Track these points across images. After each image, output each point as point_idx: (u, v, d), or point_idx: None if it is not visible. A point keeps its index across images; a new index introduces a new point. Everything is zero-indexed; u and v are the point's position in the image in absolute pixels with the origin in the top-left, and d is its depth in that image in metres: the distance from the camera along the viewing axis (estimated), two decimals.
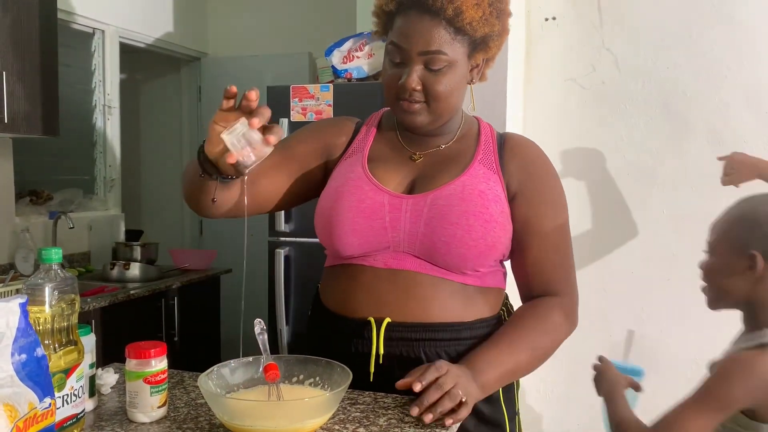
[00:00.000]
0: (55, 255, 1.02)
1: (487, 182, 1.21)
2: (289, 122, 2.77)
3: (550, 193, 1.26)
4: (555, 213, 1.25)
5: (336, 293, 1.28)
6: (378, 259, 1.21)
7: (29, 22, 2.72)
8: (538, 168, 1.26)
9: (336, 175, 1.29)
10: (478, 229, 1.16)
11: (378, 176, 1.25)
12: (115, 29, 3.79)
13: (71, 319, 1.04)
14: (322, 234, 1.26)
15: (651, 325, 2.51)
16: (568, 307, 1.25)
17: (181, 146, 4.70)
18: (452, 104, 1.22)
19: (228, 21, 4.54)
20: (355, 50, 2.69)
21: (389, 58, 1.22)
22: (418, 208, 1.20)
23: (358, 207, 1.21)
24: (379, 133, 1.33)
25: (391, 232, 1.20)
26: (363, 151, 1.30)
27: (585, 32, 2.52)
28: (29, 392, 0.81)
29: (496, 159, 1.25)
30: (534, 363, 1.21)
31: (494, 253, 1.20)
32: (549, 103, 2.52)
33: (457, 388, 1.05)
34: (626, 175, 2.51)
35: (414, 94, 1.18)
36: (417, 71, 1.17)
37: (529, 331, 1.20)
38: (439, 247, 1.17)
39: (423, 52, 1.16)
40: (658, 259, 2.49)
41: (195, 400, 1.19)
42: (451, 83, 1.18)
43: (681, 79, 2.43)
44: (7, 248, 3.08)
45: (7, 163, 3.10)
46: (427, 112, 1.20)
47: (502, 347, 1.17)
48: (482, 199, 1.18)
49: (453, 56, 1.17)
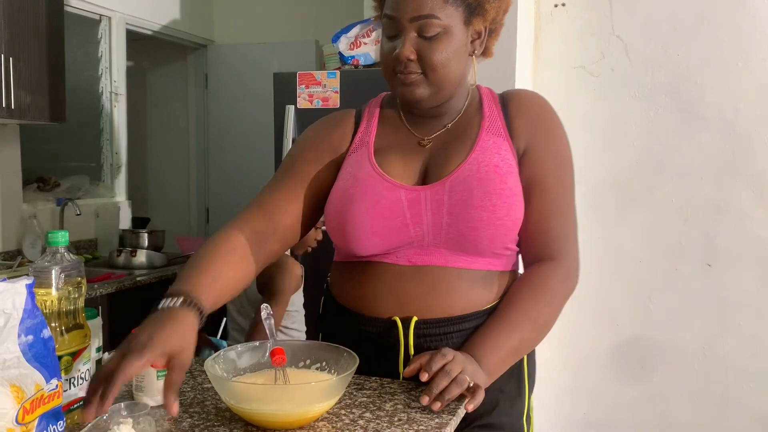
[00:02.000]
0: (61, 238, 1.02)
1: (499, 152, 1.17)
2: (295, 109, 2.76)
3: (555, 147, 1.21)
4: (560, 170, 1.20)
5: (354, 291, 1.22)
6: (401, 256, 1.17)
7: (36, 9, 2.71)
8: (543, 121, 1.21)
9: (344, 174, 1.21)
10: (501, 207, 1.13)
11: (388, 170, 1.18)
12: (122, 16, 3.78)
13: (78, 302, 1.04)
14: (336, 236, 1.20)
15: (658, 316, 2.49)
16: (564, 268, 1.20)
17: (187, 134, 4.69)
18: (451, 75, 1.15)
19: (234, 8, 4.53)
20: (362, 36, 2.68)
21: (384, 34, 1.17)
22: (438, 198, 1.14)
23: (374, 209, 1.15)
24: (381, 119, 1.26)
25: (414, 228, 1.15)
26: (368, 144, 1.23)
27: (595, 19, 2.50)
28: (36, 373, 0.81)
29: (502, 122, 1.20)
30: (539, 334, 1.18)
31: (518, 227, 1.17)
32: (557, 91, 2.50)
33: (464, 373, 1.03)
34: (635, 164, 2.49)
35: (409, 64, 1.12)
36: (410, 40, 1.12)
37: (527, 305, 1.16)
38: (466, 234, 1.13)
39: (414, 17, 1.11)
40: (665, 248, 2.47)
41: (201, 384, 1.19)
42: (448, 51, 1.12)
43: (692, 67, 2.41)
44: (14, 234, 3.09)
45: (15, 149, 3.11)
46: (426, 84, 1.14)
47: (501, 328, 1.14)
48: (498, 175, 1.14)
49: (447, 21, 1.11)
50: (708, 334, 2.44)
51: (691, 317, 2.45)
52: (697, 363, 2.46)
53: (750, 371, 2.40)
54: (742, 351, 2.40)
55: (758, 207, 2.37)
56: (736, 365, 2.41)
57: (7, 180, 3.07)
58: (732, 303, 2.41)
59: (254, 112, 4.23)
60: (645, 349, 2.51)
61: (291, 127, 2.77)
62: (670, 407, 2.49)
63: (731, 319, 2.42)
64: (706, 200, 2.42)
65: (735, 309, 2.41)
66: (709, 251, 2.42)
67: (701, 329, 2.45)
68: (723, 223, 2.40)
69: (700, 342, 2.45)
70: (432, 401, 1.01)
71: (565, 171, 1.21)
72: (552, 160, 1.19)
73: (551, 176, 1.19)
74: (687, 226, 2.44)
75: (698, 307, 2.44)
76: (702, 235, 2.43)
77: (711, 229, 2.42)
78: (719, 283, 2.42)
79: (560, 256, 1.19)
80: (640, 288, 2.50)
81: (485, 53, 1.24)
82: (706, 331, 2.44)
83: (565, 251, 1.20)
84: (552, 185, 1.18)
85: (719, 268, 2.41)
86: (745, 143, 2.37)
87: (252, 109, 4.29)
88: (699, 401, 2.45)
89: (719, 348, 2.43)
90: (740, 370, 2.41)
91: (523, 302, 1.16)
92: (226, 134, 4.52)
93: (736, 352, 2.41)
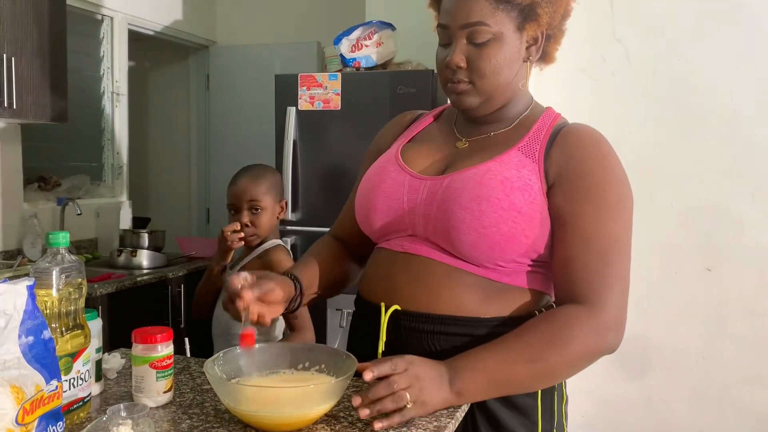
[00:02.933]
0: (62, 239, 1.03)
1: (519, 170, 1.11)
2: (296, 111, 2.76)
3: (595, 188, 1.09)
4: (598, 212, 1.09)
5: (364, 276, 1.28)
6: (396, 243, 1.19)
7: (38, 8, 2.72)
8: (585, 158, 1.11)
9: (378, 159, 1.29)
10: (490, 215, 1.07)
11: (408, 158, 1.22)
12: (124, 16, 3.78)
13: (78, 303, 1.04)
14: (357, 216, 1.26)
15: (657, 318, 2.50)
16: (598, 319, 1.06)
17: (189, 134, 4.70)
18: (501, 83, 1.14)
19: (236, 9, 4.53)
20: (363, 39, 2.68)
21: (439, 43, 1.19)
22: (434, 191, 1.14)
23: (380, 187, 1.20)
24: (436, 121, 1.31)
25: (408, 215, 1.17)
26: (408, 135, 1.29)
27: (596, 23, 2.50)
28: (36, 374, 0.81)
29: (541, 148, 1.13)
30: (537, 379, 1.08)
31: (515, 245, 1.09)
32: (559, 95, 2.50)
33: (408, 391, 0.97)
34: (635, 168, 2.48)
35: (459, 72, 1.13)
36: (461, 47, 1.13)
37: (534, 341, 1.05)
38: (449, 232, 1.10)
39: (464, 25, 1.12)
40: (665, 252, 2.48)
41: (201, 385, 1.19)
42: (498, 58, 1.12)
43: (692, 72, 2.41)
44: (15, 234, 3.10)
45: (16, 149, 3.11)
46: (475, 93, 1.14)
47: (496, 354, 1.05)
48: (504, 186, 1.09)
49: (497, 28, 1.11)
50: (707, 337, 2.45)
51: (691, 320, 2.46)
52: (696, 366, 2.46)
53: (749, 375, 2.41)
54: (742, 355, 2.41)
55: (758, 211, 2.37)
56: (735, 369, 2.42)
57: (9, 179, 3.07)
58: (731, 307, 2.42)
59: (255, 113, 4.23)
60: (644, 351, 2.51)
61: (292, 129, 2.77)
62: (669, 410, 2.49)
63: (731, 322, 2.42)
64: (706, 204, 2.43)
65: (734, 313, 2.42)
66: (709, 255, 2.43)
67: (700, 332, 2.45)
68: (722, 227, 2.41)
69: (699, 345, 2.45)
70: (362, 406, 0.97)
71: (606, 215, 1.09)
72: (586, 199, 1.09)
73: (586, 216, 1.09)
74: (686, 230, 2.45)
75: (697, 310, 2.45)
76: (701, 238, 2.44)
77: (711, 233, 2.43)
78: (719, 286, 2.42)
79: (595, 304, 1.07)
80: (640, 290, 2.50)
81: (546, 59, 1.23)
82: (705, 334, 2.45)
83: (602, 300, 1.07)
84: (585, 226, 1.08)
85: (719, 272, 2.42)
86: (745, 147, 2.38)
87: (253, 110, 4.30)
88: (698, 404, 2.46)
89: (718, 351, 2.43)
90: (739, 373, 2.42)
91: (531, 338, 1.06)
92: (227, 135, 4.52)
93: (735, 355, 2.41)
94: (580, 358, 1.07)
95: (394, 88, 2.59)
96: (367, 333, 1.21)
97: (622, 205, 1.13)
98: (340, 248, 1.36)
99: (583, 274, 1.08)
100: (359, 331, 1.27)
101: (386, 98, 2.59)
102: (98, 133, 3.79)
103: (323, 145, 2.78)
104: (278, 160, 2.84)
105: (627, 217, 1.13)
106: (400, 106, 2.53)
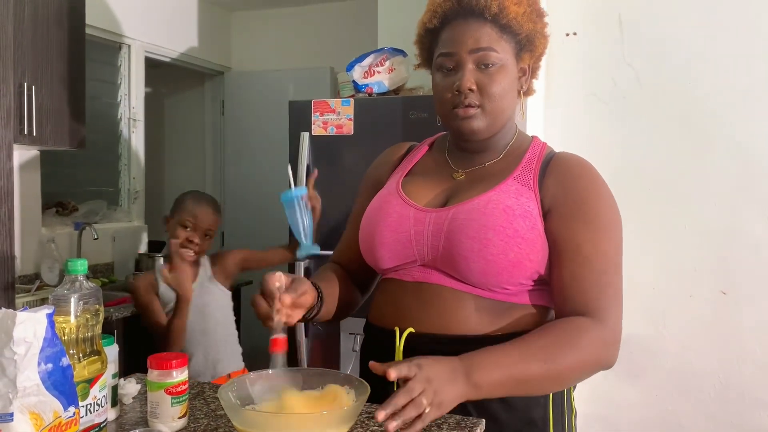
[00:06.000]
0: (80, 267, 1.04)
1: (518, 198, 1.16)
2: (310, 136, 2.79)
3: (588, 212, 1.15)
4: (593, 234, 1.14)
5: (373, 305, 1.32)
6: (407, 273, 1.22)
7: (58, 36, 2.77)
8: (577, 185, 1.17)
9: (378, 194, 1.32)
10: (497, 244, 1.12)
11: (410, 191, 1.26)
12: (141, 44, 3.85)
13: (95, 330, 1.06)
14: (362, 249, 1.29)
15: (672, 342, 2.48)
16: (606, 332, 1.10)
17: (204, 159, 4.74)
18: (505, 108, 1.20)
19: (251, 36, 4.59)
20: (375, 65, 2.72)
21: (440, 72, 1.22)
22: (440, 222, 1.18)
23: (385, 221, 1.23)
24: (430, 150, 1.36)
25: (416, 246, 1.20)
26: (406, 168, 1.33)
27: (605, 47, 2.52)
28: (54, 401, 0.82)
29: (535, 176, 1.19)
30: (549, 381, 1.09)
31: (521, 270, 1.14)
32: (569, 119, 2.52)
33: (423, 395, 0.96)
34: (647, 190, 2.49)
35: (470, 96, 1.17)
36: (470, 72, 1.17)
37: (549, 344, 1.08)
38: (458, 262, 1.15)
39: (474, 50, 1.17)
40: (679, 274, 2.46)
41: (215, 411, 1.20)
42: (504, 83, 1.18)
43: (703, 93, 2.42)
44: (33, 258, 3.13)
45: (35, 175, 3.16)
46: (483, 116, 1.19)
47: (510, 353, 1.06)
48: (506, 215, 1.14)
49: (503, 55, 1.18)
50: (724, 361, 2.42)
51: (707, 344, 2.43)
52: (713, 391, 2.43)
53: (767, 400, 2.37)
54: (760, 379, 2.38)
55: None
56: (753, 393, 2.39)
57: (27, 205, 3.11)
58: (748, 329, 2.39)
59: (269, 138, 4.27)
60: (659, 376, 2.48)
61: (305, 154, 2.80)
62: None
63: (748, 346, 2.39)
64: (719, 226, 2.41)
65: (752, 336, 2.39)
66: (724, 278, 2.41)
67: (717, 356, 2.42)
68: (737, 249, 2.39)
69: (715, 369, 2.42)
70: (389, 419, 0.94)
71: (602, 237, 1.15)
72: (583, 225, 1.14)
73: (583, 239, 1.14)
74: (701, 252, 2.43)
75: (714, 333, 2.42)
76: (716, 261, 2.42)
77: (725, 255, 2.41)
78: (735, 309, 2.40)
79: (600, 317, 1.11)
80: (655, 314, 2.49)
81: (528, 92, 1.29)
82: (721, 358, 2.42)
83: (606, 315, 1.11)
84: (584, 246, 1.13)
85: (734, 295, 2.40)
86: (758, 169, 2.37)
87: (267, 135, 4.34)
88: (715, 429, 2.42)
89: (735, 375, 2.40)
90: (758, 398, 2.38)
91: (545, 341, 1.09)
92: (242, 160, 4.56)
93: (753, 379, 2.38)
94: (586, 367, 1.11)
95: (406, 113, 2.62)
96: (380, 357, 1.21)
97: (614, 226, 1.18)
98: (345, 274, 1.41)
99: (585, 294, 1.12)
100: (372, 355, 1.27)
101: (398, 123, 2.62)
102: (115, 159, 3.84)
103: (337, 170, 2.80)
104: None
105: (619, 238, 1.19)
106: (413, 130, 2.56)
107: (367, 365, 1.24)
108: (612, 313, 1.12)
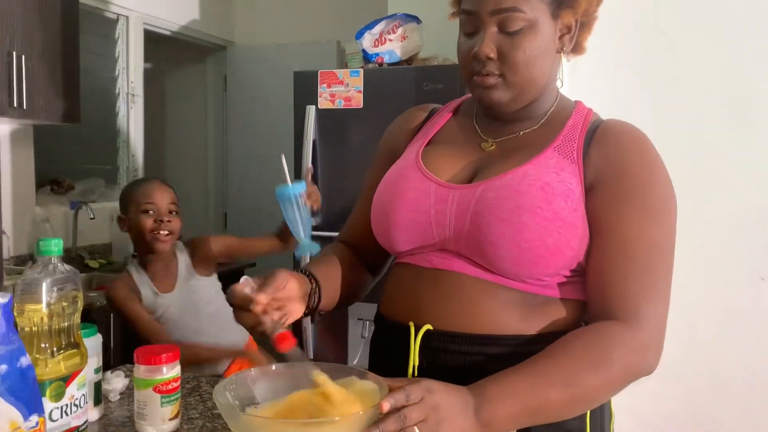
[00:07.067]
0: (54, 247, 0.92)
1: (558, 173, 1.00)
2: (316, 109, 2.64)
3: (638, 192, 0.99)
4: (641, 219, 0.99)
5: (384, 294, 1.15)
6: (424, 259, 1.06)
7: (50, 5, 2.65)
8: (627, 159, 1.01)
9: (394, 164, 1.15)
10: (533, 228, 0.96)
11: (431, 163, 1.09)
12: (139, 15, 3.73)
13: (73, 319, 0.93)
14: (375, 229, 1.13)
15: (705, 331, 2.33)
16: (639, 338, 0.95)
17: (206, 136, 4.65)
18: (535, 76, 1.03)
19: (254, 9, 4.48)
20: (387, 33, 2.56)
21: (462, 31, 1.07)
22: (465, 201, 1.01)
23: (402, 198, 1.06)
24: (456, 115, 1.18)
25: (436, 228, 1.04)
26: (427, 136, 1.15)
27: (637, 14, 2.34)
28: (11, 410, 0.68)
29: (579, 147, 1.03)
30: (573, 404, 0.94)
31: (559, 259, 0.98)
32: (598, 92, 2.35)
33: (422, 425, 0.83)
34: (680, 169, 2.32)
35: (488, 63, 1.01)
36: (491, 36, 1.00)
37: (570, 364, 0.93)
38: (486, 248, 0.99)
39: (495, 10, 0.99)
40: (714, 259, 2.30)
41: (211, 410, 1.07)
42: (533, 48, 1.00)
43: (742, 64, 2.25)
44: (26, 238, 3.03)
45: (28, 151, 3.06)
46: (506, 87, 1.03)
47: (528, 377, 0.92)
48: (545, 193, 0.98)
49: (532, 15, 0.99)
50: (760, 352, 2.27)
51: (742, 334, 2.29)
52: (747, 383, 2.29)
53: None
54: None
55: None
56: None
57: (20, 182, 3.00)
58: None
59: (274, 114, 4.18)
60: (691, 367, 2.34)
61: (311, 129, 2.65)
62: (719, 429, 2.33)
63: None
64: (760, 207, 2.25)
65: None
66: (764, 262, 2.25)
67: (752, 347, 2.28)
68: None
69: (750, 360, 2.28)
70: None
71: (652, 223, 0.99)
72: (628, 206, 0.99)
73: (629, 224, 0.98)
74: (738, 236, 2.27)
75: (750, 323, 2.28)
76: (755, 244, 2.26)
77: (765, 239, 2.25)
78: None
79: (635, 321, 0.96)
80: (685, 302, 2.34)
81: (576, 49, 1.11)
82: (757, 348, 2.27)
83: (642, 316, 0.96)
84: (628, 234, 0.98)
85: None
86: None
87: (271, 111, 4.25)
88: (749, 423, 2.29)
89: None
90: None
91: (566, 360, 0.94)
92: (245, 137, 4.46)
93: None
94: (619, 381, 0.96)
95: (419, 84, 2.46)
96: (393, 354, 1.08)
97: (667, 210, 1.02)
98: (353, 255, 1.24)
99: (623, 285, 0.97)
100: (384, 352, 1.13)
101: (411, 95, 2.46)
102: (113, 136, 3.74)
103: (344, 146, 2.65)
104: (297, 162, 2.72)
105: (671, 224, 1.03)
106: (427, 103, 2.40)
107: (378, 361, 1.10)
108: (652, 315, 0.97)
